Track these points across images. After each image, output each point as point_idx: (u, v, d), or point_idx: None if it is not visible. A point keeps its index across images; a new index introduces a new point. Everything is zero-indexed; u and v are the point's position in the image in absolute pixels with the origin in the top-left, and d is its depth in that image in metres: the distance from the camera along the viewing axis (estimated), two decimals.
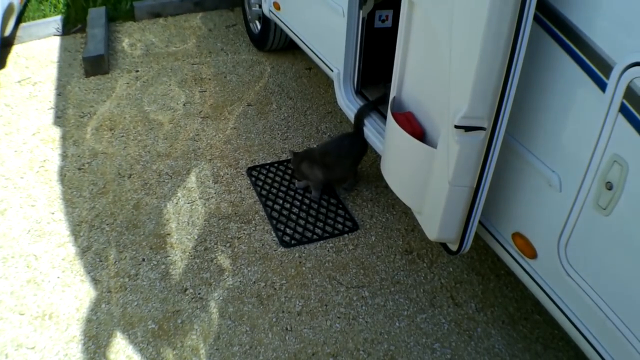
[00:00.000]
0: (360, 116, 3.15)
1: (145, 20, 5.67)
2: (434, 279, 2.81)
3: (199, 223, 3.11)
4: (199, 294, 2.69)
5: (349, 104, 3.31)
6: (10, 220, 3.12)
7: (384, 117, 3.05)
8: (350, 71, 3.31)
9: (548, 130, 1.87)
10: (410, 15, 2.32)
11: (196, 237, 3.01)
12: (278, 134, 3.91)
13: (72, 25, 5.51)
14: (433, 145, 2.20)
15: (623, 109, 1.55)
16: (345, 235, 3.06)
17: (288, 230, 3.06)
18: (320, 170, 3.20)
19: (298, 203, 3.26)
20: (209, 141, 3.81)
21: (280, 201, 3.27)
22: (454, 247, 2.30)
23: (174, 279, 2.76)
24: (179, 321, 2.56)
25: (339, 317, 2.60)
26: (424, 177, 2.27)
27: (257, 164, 3.59)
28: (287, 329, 2.54)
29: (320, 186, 3.32)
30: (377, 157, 3.19)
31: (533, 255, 2.03)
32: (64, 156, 3.64)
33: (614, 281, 1.70)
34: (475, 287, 2.79)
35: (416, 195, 2.38)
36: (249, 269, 2.83)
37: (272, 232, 3.05)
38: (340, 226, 3.11)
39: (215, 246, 2.96)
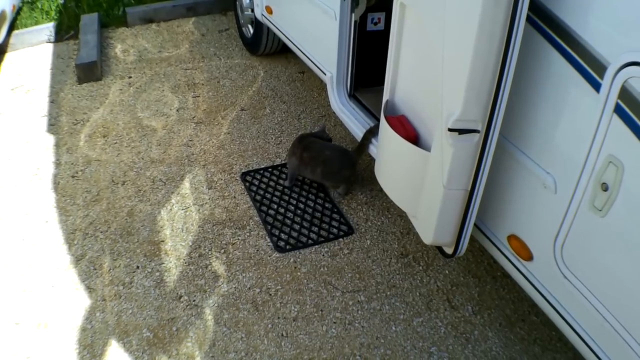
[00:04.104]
0: (369, 135, 3.07)
1: (138, 25, 5.66)
2: (430, 282, 2.80)
3: (193, 229, 3.09)
4: (194, 301, 2.67)
5: (342, 108, 3.30)
6: (4, 229, 3.09)
7: (378, 120, 3.04)
8: (343, 74, 3.30)
9: (542, 131, 1.86)
10: (402, 17, 2.31)
11: (190, 244, 2.99)
12: (272, 138, 3.90)
13: (64, 32, 5.50)
14: (427, 148, 2.19)
15: (618, 109, 1.54)
16: (341, 239, 3.04)
17: (283, 235, 3.04)
18: (295, 161, 3.31)
19: (292, 208, 3.25)
20: (202, 147, 3.79)
21: (275, 206, 3.25)
22: (449, 251, 2.29)
23: (168, 286, 2.74)
24: (174, 329, 2.54)
25: (334, 322, 2.58)
26: (418, 181, 2.26)
27: (251, 169, 3.58)
28: (282, 335, 2.52)
29: (293, 176, 3.40)
30: (372, 160, 3.18)
31: (529, 257, 2.02)
32: (57, 164, 3.62)
33: (611, 282, 1.69)
34: (471, 289, 2.78)
35: (411, 199, 2.37)
36: (243, 275, 2.81)
37: (267, 237, 3.03)
38: (335, 230, 3.09)
39: (209, 252, 2.94)
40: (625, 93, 1.51)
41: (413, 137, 2.34)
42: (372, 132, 3.03)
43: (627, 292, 1.63)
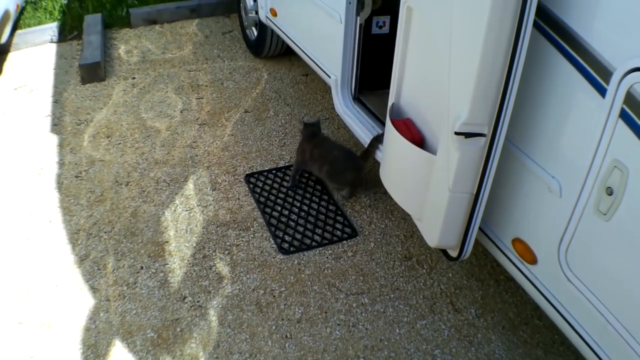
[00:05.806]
0: (375, 142, 3.09)
1: (141, 27, 5.67)
2: (434, 285, 2.81)
3: (197, 230, 3.10)
4: (198, 302, 2.68)
5: (346, 111, 3.31)
6: (8, 228, 3.10)
7: (383, 123, 3.05)
8: (347, 78, 3.31)
9: (548, 136, 1.87)
10: (409, 21, 2.32)
11: (194, 245, 3.00)
12: (275, 140, 3.91)
13: (68, 32, 5.51)
14: (433, 151, 2.20)
15: (623, 115, 1.55)
16: (344, 241, 3.05)
17: (287, 237, 3.05)
18: (302, 156, 3.35)
19: (296, 210, 3.25)
20: (206, 148, 3.80)
21: (279, 208, 3.26)
22: (454, 254, 2.29)
23: (172, 287, 2.75)
24: (178, 329, 2.55)
25: (338, 324, 2.59)
26: (423, 184, 2.26)
27: (254, 170, 3.59)
28: (286, 336, 2.53)
29: (296, 174, 3.44)
30: (376, 163, 3.18)
31: (533, 260, 2.03)
32: (61, 164, 3.63)
33: (615, 286, 1.69)
34: (475, 292, 2.78)
35: (416, 202, 2.38)
36: (247, 276, 2.82)
37: (271, 239, 3.04)
38: (339, 233, 3.10)
39: (213, 254, 2.95)
40: (630, 98, 1.52)
41: (419, 140, 2.35)
42: (378, 139, 3.04)
43: (630, 296, 1.64)
